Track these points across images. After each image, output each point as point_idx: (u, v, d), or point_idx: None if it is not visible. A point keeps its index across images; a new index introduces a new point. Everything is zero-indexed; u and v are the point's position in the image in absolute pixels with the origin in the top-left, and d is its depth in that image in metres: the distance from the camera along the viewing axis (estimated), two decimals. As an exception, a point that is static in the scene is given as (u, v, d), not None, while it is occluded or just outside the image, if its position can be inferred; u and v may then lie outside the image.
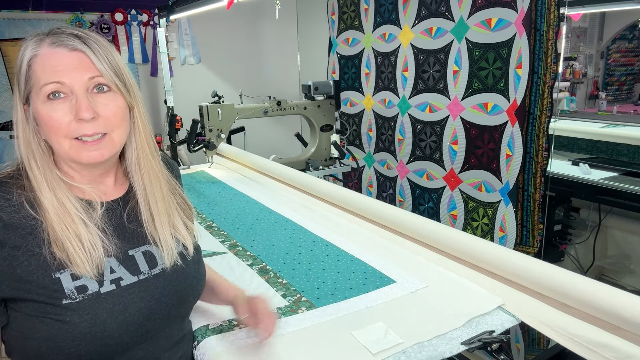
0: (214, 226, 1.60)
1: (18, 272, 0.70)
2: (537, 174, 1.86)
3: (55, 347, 0.71)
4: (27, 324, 0.71)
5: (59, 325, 0.71)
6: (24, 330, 0.72)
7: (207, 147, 2.22)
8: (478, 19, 1.98)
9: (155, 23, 3.79)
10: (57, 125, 0.73)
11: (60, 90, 0.72)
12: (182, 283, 0.85)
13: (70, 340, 0.71)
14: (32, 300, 0.70)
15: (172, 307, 0.83)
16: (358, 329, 0.97)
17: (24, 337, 0.72)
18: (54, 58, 0.73)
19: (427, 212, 2.43)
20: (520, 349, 1.00)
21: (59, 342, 0.71)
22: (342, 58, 2.88)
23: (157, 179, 0.84)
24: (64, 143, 0.74)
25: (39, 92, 0.72)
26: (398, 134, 2.52)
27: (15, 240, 0.70)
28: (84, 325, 0.71)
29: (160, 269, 0.82)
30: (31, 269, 0.70)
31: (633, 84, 4.30)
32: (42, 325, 0.71)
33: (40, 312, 0.71)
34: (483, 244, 1.22)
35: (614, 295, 0.94)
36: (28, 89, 0.74)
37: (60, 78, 0.72)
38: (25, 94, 0.74)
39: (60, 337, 0.71)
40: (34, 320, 0.71)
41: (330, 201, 1.78)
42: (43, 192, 0.73)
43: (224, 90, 2.52)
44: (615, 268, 2.49)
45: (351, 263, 1.29)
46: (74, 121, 0.73)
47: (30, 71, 0.73)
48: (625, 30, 4.14)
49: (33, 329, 0.71)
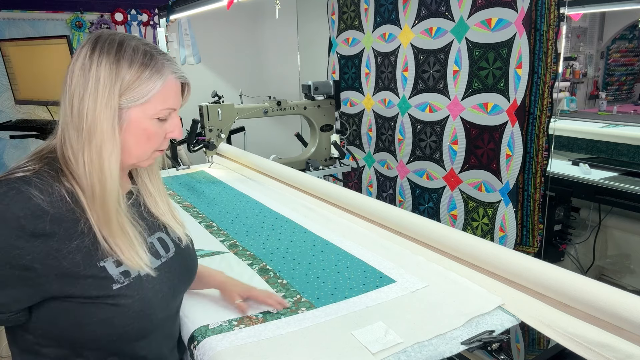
0: (214, 226, 1.60)
1: (64, 265, 0.74)
2: (537, 173, 1.86)
3: (111, 327, 0.79)
4: (82, 311, 0.77)
5: (114, 308, 0.78)
6: (79, 317, 0.77)
7: (207, 147, 2.22)
8: (478, 19, 1.98)
9: (155, 23, 3.79)
10: (156, 140, 0.84)
11: (169, 115, 0.85)
12: (190, 261, 0.99)
13: (125, 320, 0.80)
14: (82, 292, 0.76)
15: (186, 283, 0.98)
16: (358, 328, 0.97)
17: (78, 324, 0.77)
18: (176, 88, 0.84)
19: (427, 212, 2.43)
20: (520, 348, 1.00)
21: (115, 323, 0.79)
22: (342, 58, 2.88)
23: (157, 171, 0.96)
24: (149, 152, 0.85)
25: (151, 110, 0.81)
26: (398, 134, 2.52)
27: (60, 233, 0.74)
28: (135, 306, 0.80)
29: (173, 252, 0.93)
30: (77, 261, 0.75)
31: (633, 83, 4.30)
32: (98, 311, 0.77)
33: (93, 300, 0.77)
34: (483, 244, 1.22)
35: (614, 295, 0.93)
36: (143, 102, 0.80)
37: (176, 106, 0.85)
38: (131, 103, 0.79)
39: (116, 318, 0.79)
40: (88, 307, 0.77)
41: (330, 201, 1.78)
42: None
43: (224, 90, 2.52)
44: (615, 268, 2.49)
45: (351, 263, 1.29)
46: (164, 139, 0.86)
47: (159, 93, 0.81)
48: (625, 30, 4.14)
49: (89, 315, 0.77)
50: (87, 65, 0.77)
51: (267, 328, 0.98)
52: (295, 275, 1.22)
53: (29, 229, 0.71)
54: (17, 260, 0.71)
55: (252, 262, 1.31)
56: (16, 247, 0.71)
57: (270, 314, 1.04)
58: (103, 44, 0.78)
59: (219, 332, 0.97)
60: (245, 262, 1.31)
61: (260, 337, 0.95)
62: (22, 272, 0.72)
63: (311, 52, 3.61)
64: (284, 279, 1.21)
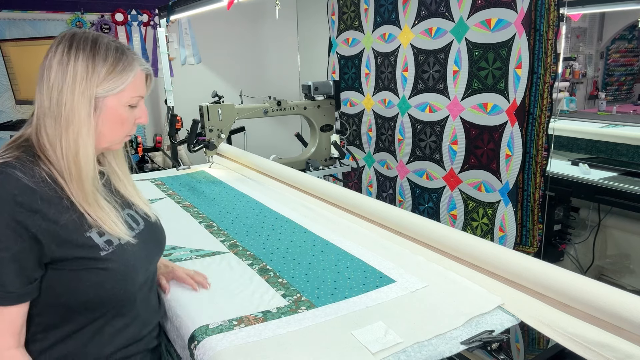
0: (214, 226, 1.60)
1: (61, 235, 0.84)
2: (536, 173, 1.86)
3: (102, 289, 0.89)
4: (76, 276, 0.87)
5: (103, 272, 0.89)
6: (74, 282, 0.87)
7: (208, 147, 2.22)
8: (478, 19, 1.99)
9: (156, 23, 3.79)
10: (128, 125, 0.96)
11: (138, 103, 0.96)
12: (159, 233, 1.09)
13: (114, 282, 0.90)
14: (76, 257, 0.86)
15: (158, 253, 1.09)
16: (358, 328, 0.97)
17: (73, 289, 0.87)
18: (143, 78, 0.96)
19: (427, 212, 2.43)
20: (519, 348, 1.00)
21: (105, 285, 0.89)
22: (342, 58, 2.89)
23: (122, 156, 1.06)
24: (121, 137, 0.96)
25: (125, 99, 0.92)
26: (398, 134, 2.53)
27: (51, 210, 0.84)
28: (121, 269, 0.91)
29: (143, 225, 1.03)
30: (69, 231, 0.86)
31: (632, 84, 4.30)
32: (90, 275, 0.88)
33: (85, 265, 0.87)
34: (483, 243, 1.23)
35: (614, 295, 0.94)
36: (117, 92, 0.91)
37: (144, 94, 0.97)
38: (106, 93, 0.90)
39: (106, 281, 0.89)
40: (81, 272, 0.87)
41: (330, 201, 1.78)
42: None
43: (224, 91, 2.52)
44: (615, 268, 2.49)
45: (351, 263, 1.29)
46: (134, 124, 0.97)
47: (131, 84, 0.92)
48: (624, 30, 4.14)
49: (82, 279, 0.87)
50: (65, 61, 0.87)
51: (267, 328, 0.98)
52: (295, 275, 1.23)
53: (26, 205, 0.81)
54: (26, 233, 0.80)
55: (252, 262, 1.31)
56: (21, 222, 0.80)
57: (270, 313, 1.04)
58: (79, 42, 0.88)
59: (219, 332, 0.97)
60: (245, 262, 1.31)
61: (260, 336, 0.95)
62: (33, 244, 0.81)
63: (311, 52, 3.61)
64: (284, 278, 1.21)
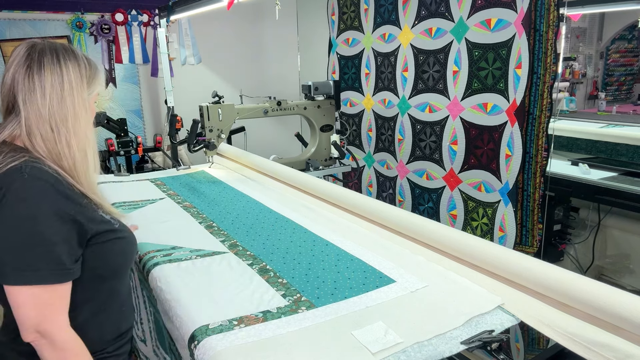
0: (214, 226, 1.60)
1: (88, 214, 0.96)
2: (536, 173, 1.86)
3: (126, 256, 1.07)
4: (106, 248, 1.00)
5: (122, 240, 1.04)
6: (106, 253, 1.00)
7: (208, 147, 2.22)
8: (478, 19, 1.99)
9: (156, 23, 3.79)
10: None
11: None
12: None
13: (132, 247, 1.09)
14: (103, 231, 0.99)
15: None
16: (358, 328, 0.98)
17: (104, 260, 1.00)
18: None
19: (427, 212, 2.43)
20: (519, 348, 1.00)
21: (127, 251, 1.07)
22: (342, 58, 2.89)
23: None
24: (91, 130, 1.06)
25: (96, 95, 1.05)
26: (398, 134, 2.53)
27: (75, 196, 0.96)
28: (131, 237, 1.08)
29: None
30: (90, 210, 0.98)
31: (632, 84, 4.30)
32: (115, 245, 1.02)
33: (108, 237, 1.00)
34: (483, 243, 1.23)
35: (614, 295, 0.94)
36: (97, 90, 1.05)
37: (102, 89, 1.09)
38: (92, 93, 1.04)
39: (127, 248, 1.07)
40: (109, 244, 1.00)
41: (330, 201, 1.78)
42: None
43: (224, 91, 2.53)
44: (615, 268, 2.49)
45: (351, 263, 1.29)
46: None
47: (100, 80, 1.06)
48: (624, 30, 4.14)
49: (112, 250, 1.01)
50: (59, 71, 0.96)
51: (267, 328, 0.98)
52: (295, 275, 1.23)
53: (62, 192, 0.92)
54: (68, 217, 0.91)
55: (253, 262, 1.31)
56: (62, 207, 0.91)
57: (270, 313, 1.04)
58: (61, 53, 0.99)
59: (219, 331, 0.97)
60: (245, 262, 1.31)
61: (260, 336, 0.95)
62: (74, 226, 0.92)
63: (311, 52, 3.62)
64: (284, 278, 1.21)
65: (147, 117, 4.12)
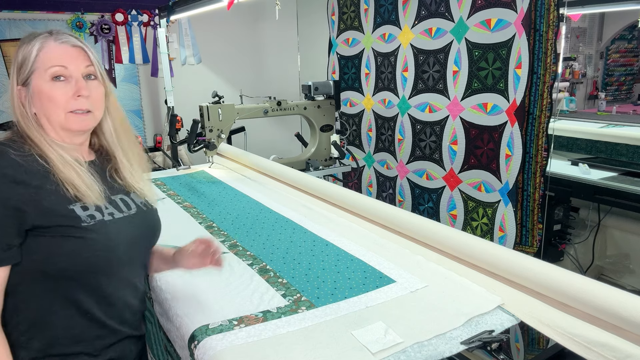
0: (214, 226, 1.60)
1: (44, 204, 0.91)
2: (536, 173, 1.86)
3: (78, 258, 0.94)
4: (53, 243, 0.92)
5: (81, 241, 0.94)
6: (52, 248, 0.92)
7: (208, 147, 2.22)
8: (478, 19, 1.99)
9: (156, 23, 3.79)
10: (58, 100, 0.96)
11: (63, 73, 0.96)
12: (152, 222, 1.12)
13: (92, 252, 0.95)
14: (57, 225, 0.92)
15: (148, 238, 1.11)
16: (358, 328, 0.98)
17: (48, 255, 0.93)
18: (60, 49, 0.97)
19: (427, 212, 2.43)
20: (519, 348, 1.00)
21: (82, 254, 0.94)
22: (342, 58, 2.89)
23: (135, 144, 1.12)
24: (61, 114, 0.97)
25: (45, 74, 0.95)
26: (398, 134, 2.53)
27: (36, 182, 0.91)
28: (100, 240, 0.96)
29: (135, 210, 1.06)
30: (52, 202, 0.92)
31: (632, 84, 4.31)
32: (67, 243, 0.93)
33: (63, 233, 0.93)
34: (483, 243, 1.23)
35: (613, 295, 0.94)
36: (31, 71, 0.96)
37: (65, 64, 0.96)
38: (26, 77, 0.96)
39: (83, 250, 0.94)
40: (58, 240, 0.93)
41: (330, 201, 1.78)
42: (47, 149, 0.96)
43: (224, 91, 2.53)
44: (615, 268, 2.49)
45: (351, 263, 1.29)
46: (71, 98, 0.97)
47: (38, 57, 0.96)
48: (624, 30, 4.14)
49: (59, 247, 0.93)
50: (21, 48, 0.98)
51: (267, 328, 0.98)
52: (295, 275, 1.23)
53: (10, 176, 0.89)
54: (8, 202, 0.88)
55: (252, 262, 1.31)
56: (4, 192, 0.88)
57: (271, 313, 1.04)
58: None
59: (219, 331, 0.97)
60: (245, 262, 1.31)
61: (260, 336, 0.96)
62: (15, 212, 0.88)
63: (311, 52, 3.61)
64: (284, 278, 1.21)
65: (147, 117, 4.12)
